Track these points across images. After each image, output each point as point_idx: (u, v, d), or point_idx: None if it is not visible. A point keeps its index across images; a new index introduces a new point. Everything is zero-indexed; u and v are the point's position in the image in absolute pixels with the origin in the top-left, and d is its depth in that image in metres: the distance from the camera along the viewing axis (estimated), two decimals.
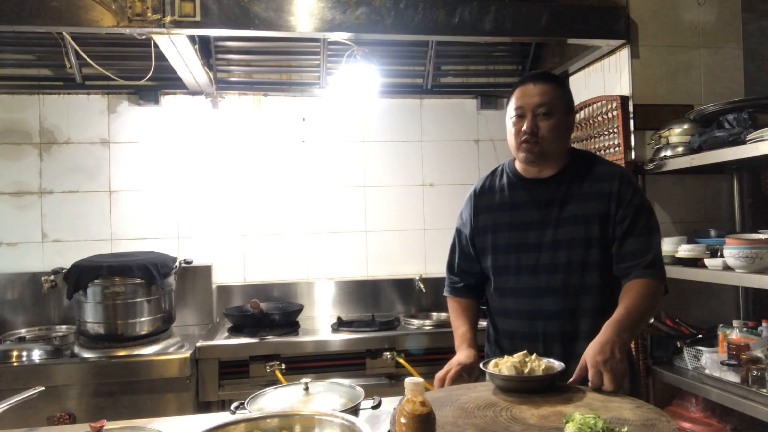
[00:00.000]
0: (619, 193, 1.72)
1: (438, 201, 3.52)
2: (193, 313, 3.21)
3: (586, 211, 1.73)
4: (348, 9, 2.44)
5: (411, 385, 1.10)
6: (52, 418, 2.36)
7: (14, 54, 3.10)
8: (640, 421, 1.24)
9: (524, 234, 1.79)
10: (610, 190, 1.73)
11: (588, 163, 1.81)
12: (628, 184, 1.75)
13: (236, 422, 1.29)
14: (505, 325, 1.84)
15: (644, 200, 1.76)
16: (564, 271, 1.72)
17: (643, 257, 1.67)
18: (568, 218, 1.74)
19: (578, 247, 1.72)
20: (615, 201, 1.72)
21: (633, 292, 1.64)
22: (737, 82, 2.71)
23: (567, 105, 1.79)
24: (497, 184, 1.89)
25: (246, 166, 3.35)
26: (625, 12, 2.65)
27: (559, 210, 1.76)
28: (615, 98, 2.65)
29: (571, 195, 1.76)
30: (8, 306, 3.05)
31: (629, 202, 1.72)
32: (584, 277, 1.72)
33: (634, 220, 1.70)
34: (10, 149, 3.14)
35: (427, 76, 3.44)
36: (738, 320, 2.32)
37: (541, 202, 1.78)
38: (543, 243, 1.75)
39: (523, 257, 1.78)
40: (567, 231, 1.73)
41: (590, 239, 1.72)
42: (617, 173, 1.76)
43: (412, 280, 3.40)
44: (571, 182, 1.77)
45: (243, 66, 3.31)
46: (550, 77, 1.81)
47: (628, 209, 1.71)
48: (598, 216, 1.72)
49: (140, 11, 2.27)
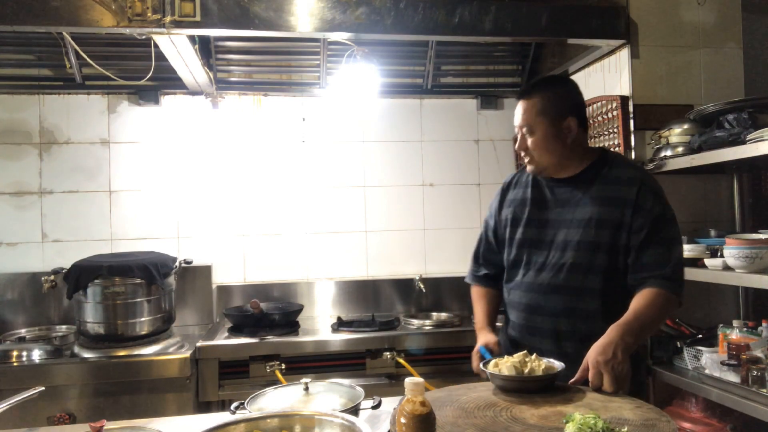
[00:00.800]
0: (637, 200, 1.69)
1: (438, 201, 3.52)
2: (193, 313, 3.20)
3: (600, 215, 1.72)
4: (348, 9, 2.44)
5: (411, 385, 1.10)
6: (52, 418, 2.36)
7: (14, 54, 3.10)
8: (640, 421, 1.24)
9: (538, 231, 1.83)
10: (627, 197, 1.70)
11: (611, 165, 1.78)
12: (649, 192, 1.70)
13: (236, 422, 1.29)
14: (513, 316, 1.89)
15: (666, 209, 1.71)
16: (568, 272, 1.73)
17: (662, 269, 1.65)
18: (581, 220, 1.74)
19: (585, 249, 1.72)
20: (631, 208, 1.69)
21: (644, 299, 1.63)
22: (737, 82, 2.71)
23: (556, 113, 1.76)
24: (523, 180, 1.94)
25: (246, 166, 3.35)
26: (625, 12, 2.65)
27: (573, 211, 1.77)
28: (615, 98, 2.65)
29: (588, 197, 1.76)
30: (8, 306, 3.05)
31: (648, 210, 1.68)
32: (586, 279, 1.72)
33: (653, 230, 1.67)
34: (10, 149, 3.14)
35: (427, 76, 3.44)
36: (738, 320, 2.32)
37: (558, 202, 1.81)
38: (554, 242, 1.78)
39: (534, 254, 1.82)
40: (577, 233, 1.74)
41: (599, 243, 1.71)
42: (637, 179, 1.72)
43: (412, 280, 3.40)
44: (590, 184, 1.77)
45: (243, 66, 3.31)
46: (534, 89, 1.81)
47: (646, 218, 1.67)
48: (611, 222, 1.70)
49: (140, 11, 2.26)
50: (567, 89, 1.84)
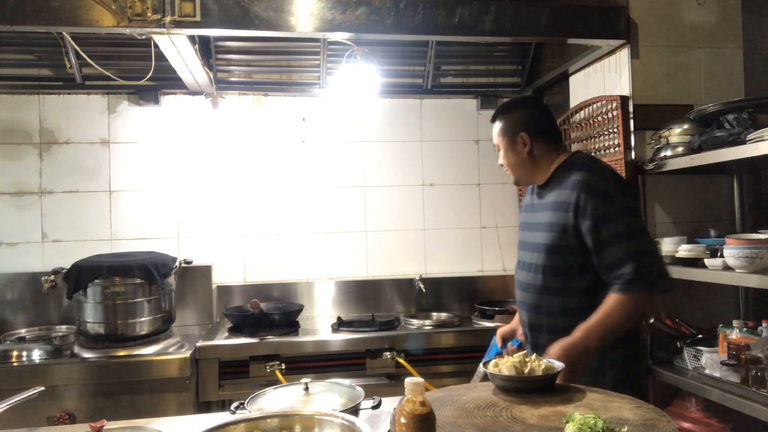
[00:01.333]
0: (577, 203, 1.79)
1: (438, 201, 3.53)
2: (193, 313, 3.21)
3: (551, 219, 1.88)
4: (348, 9, 2.44)
5: (411, 385, 1.10)
6: (52, 418, 2.37)
7: (14, 54, 3.10)
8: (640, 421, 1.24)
9: (524, 234, 2.06)
10: (569, 201, 1.81)
11: (568, 169, 1.90)
12: (588, 194, 1.78)
13: (236, 422, 1.29)
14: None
15: (610, 208, 1.76)
16: (535, 272, 1.92)
17: (621, 269, 1.72)
18: (541, 224, 1.92)
19: (542, 251, 1.89)
20: (573, 212, 1.80)
21: (608, 305, 1.72)
22: (737, 82, 2.71)
23: (510, 133, 1.98)
24: (529, 187, 2.13)
25: (246, 166, 3.35)
26: (625, 12, 2.65)
27: (541, 216, 1.95)
28: (615, 98, 2.65)
29: (548, 202, 1.93)
30: (8, 306, 3.05)
31: (590, 212, 1.76)
32: (545, 279, 1.88)
33: (602, 230, 1.75)
34: (10, 149, 3.14)
35: (427, 76, 3.44)
36: (738, 320, 2.32)
37: (537, 207, 2.00)
38: (531, 244, 1.97)
39: (522, 254, 2.04)
40: (541, 236, 1.91)
41: (551, 246, 1.86)
42: (578, 183, 1.81)
43: (412, 280, 3.40)
44: (551, 190, 1.93)
45: (243, 66, 3.31)
46: (496, 114, 2.05)
47: (591, 220, 1.76)
48: (561, 225, 1.84)
49: (140, 11, 2.26)
50: (520, 109, 2.02)
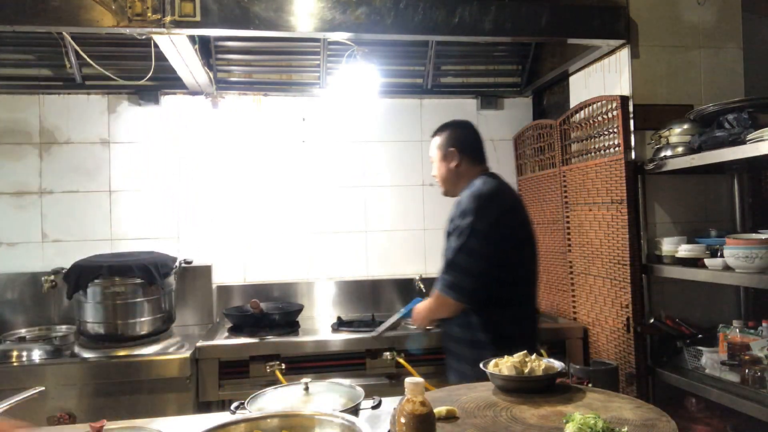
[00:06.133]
0: (451, 216, 2.16)
1: (438, 201, 3.50)
2: (193, 313, 3.20)
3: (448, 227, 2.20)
4: (348, 9, 2.44)
5: (411, 385, 1.10)
6: (52, 418, 2.36)
7: (14, 54, 3.10)
8: (640, 421, 1.24)
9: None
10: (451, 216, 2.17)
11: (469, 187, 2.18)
12: (460, 209, 2.11)
13: (236, 422, 1.29)
14: None
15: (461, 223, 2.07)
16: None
17: (442, 273, 2.14)
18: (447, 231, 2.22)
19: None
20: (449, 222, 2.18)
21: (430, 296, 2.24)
22: (737, 82, 2.70)
23: (443, 147, 2.32)
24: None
25: (246, 166, 3.35)
26: (625, 12, 2.65)
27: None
28: (615, 98, 2.65)
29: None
30: (8, 306, 3.05)
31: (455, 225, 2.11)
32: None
33: (449, 240, 2.14)
34: (10, 149, 3.14)
35: (427, 76, 3.44)
36: (738, 320, 2.32)
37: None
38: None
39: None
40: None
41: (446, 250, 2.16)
42: (458, 200, 2.15)
43: (412, 280, 3.40)
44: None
45: (243, 66, 3.31)
46: (436, 131, 2.39)
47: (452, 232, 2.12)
48: (447, 235, 2.18)
49: (140, 11, 2.26)
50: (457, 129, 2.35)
